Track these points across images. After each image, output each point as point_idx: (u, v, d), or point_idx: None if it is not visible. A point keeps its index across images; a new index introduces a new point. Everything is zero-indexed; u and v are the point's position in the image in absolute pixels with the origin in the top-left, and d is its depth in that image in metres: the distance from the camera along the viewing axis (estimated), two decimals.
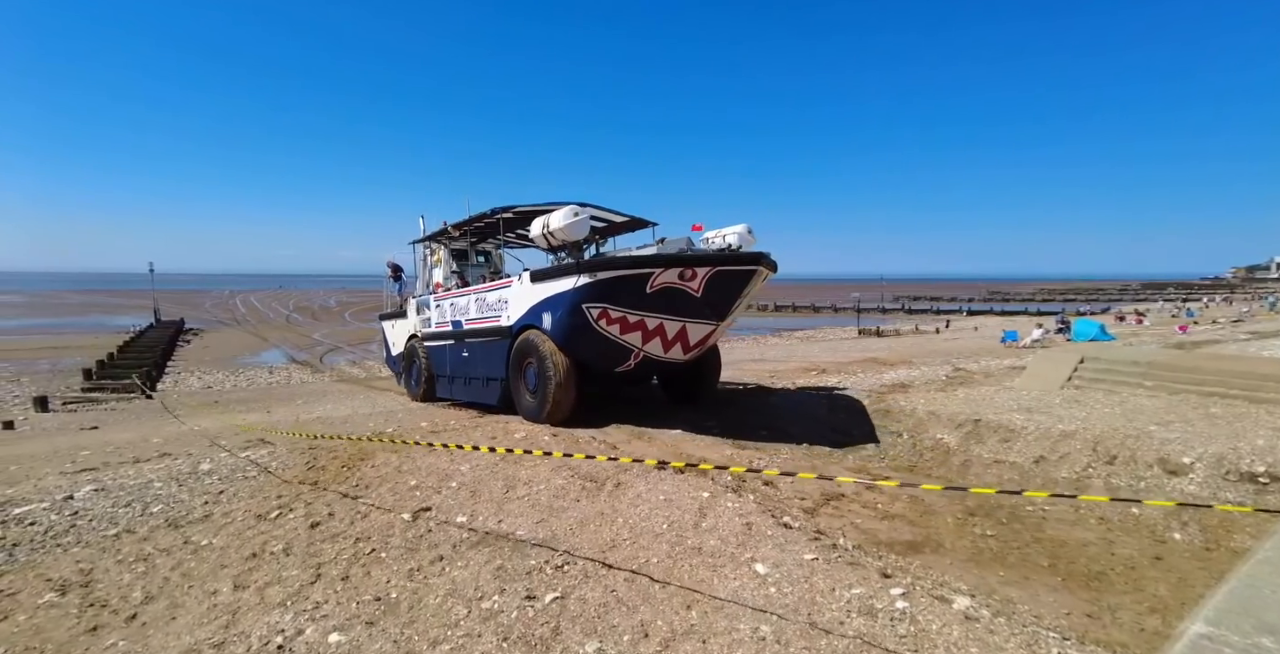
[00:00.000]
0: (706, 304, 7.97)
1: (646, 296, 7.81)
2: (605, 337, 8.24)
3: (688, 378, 10.27)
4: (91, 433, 10.88)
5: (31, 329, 46.59)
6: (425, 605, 3.08)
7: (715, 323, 8.33)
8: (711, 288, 7.79)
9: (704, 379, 10.38)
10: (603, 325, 8.16)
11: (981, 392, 10.88)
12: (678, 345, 8.43)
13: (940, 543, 6.18)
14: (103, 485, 6.28)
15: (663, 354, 8.56)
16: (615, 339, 8.26)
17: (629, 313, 8.02)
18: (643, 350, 8.45)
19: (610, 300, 7.97)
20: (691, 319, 8.18)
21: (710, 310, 8.11)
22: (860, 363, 17.84)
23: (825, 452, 9.08)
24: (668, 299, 7.87)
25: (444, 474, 5.56)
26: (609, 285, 7.90)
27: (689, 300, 7.86)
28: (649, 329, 8.20)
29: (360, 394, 16.10)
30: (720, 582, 3.21)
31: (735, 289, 8.07)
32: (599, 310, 8.05)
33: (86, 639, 3.07)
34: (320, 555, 3.83)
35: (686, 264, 7.68)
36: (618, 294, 7.92)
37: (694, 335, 8.35)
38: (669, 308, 8.00)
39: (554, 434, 7.16)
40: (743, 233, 9.26)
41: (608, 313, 8.05)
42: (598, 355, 8.63)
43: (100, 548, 4.53)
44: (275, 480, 6.21)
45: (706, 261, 7.77)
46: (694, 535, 3.82)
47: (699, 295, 7.82)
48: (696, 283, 7.72)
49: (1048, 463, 7.75)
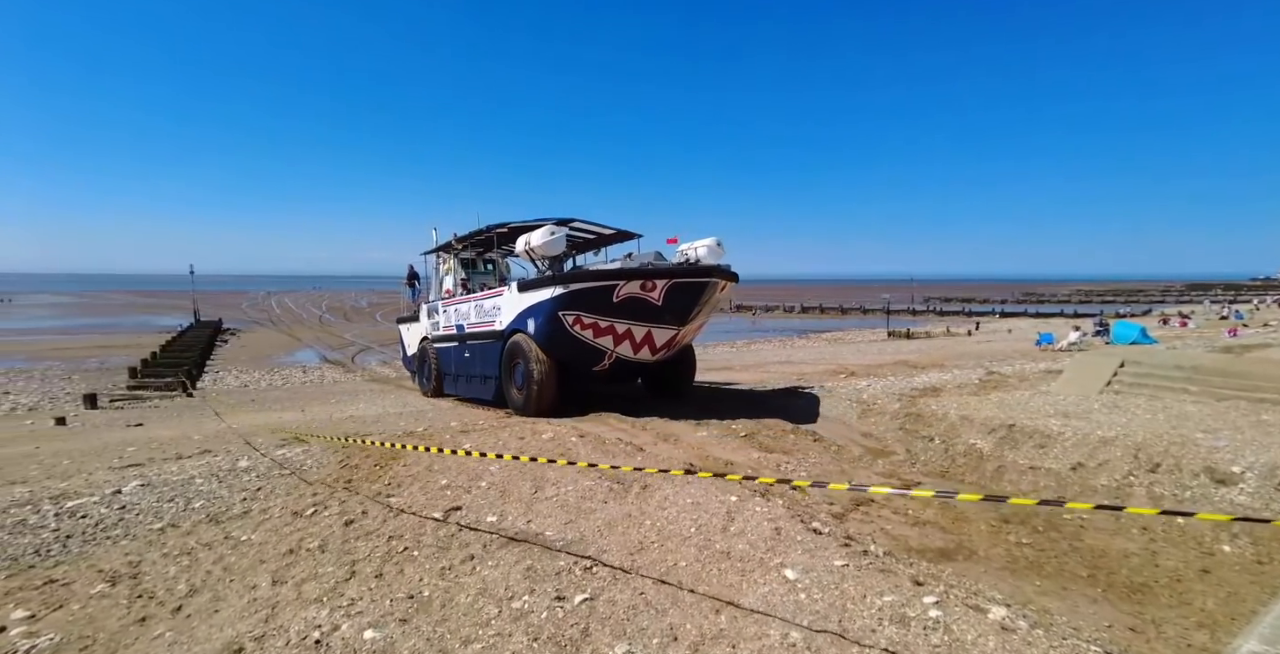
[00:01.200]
0: (667, 311, 9.04)
1: (613, 305, 8.89)
2: (580, 340, 9.32)
3: (666, 376, 11.28)
4: (137, 430, 11.27)
5: (81, 329, 48.49)
6: (457, 604, 3.12)
7: (677, 327, 9.33)
8: (670, 297, 8.89)
9: (680, 377, 11.51)
10: (577, 330, 9.23)
11: (1016, 396, 10.61)
12: (645, 347, 9.46)
13: (973, 550, 6.05)
14: (148, 481, 6.50)
15: (633, 355, 9.56)
16: (589, 342, 9.33)
17: (599, 319, 9.12)
18: (614, 352, 9.48)
19: (582, 308, 9.04)
20: (655, 324, 9.21)
21: (671, 317, 9.17)
22: (891, 366, 17.57)
23: (855, 456, 8.97)
24: (632, 307, 8.94)
25: (474, 474, 5.63)
26: (580, 295, 8.96)
27: (651, 308, 8.96)
28: (618, 333, 9.24)
29: (391, 394, 16.40)
30: (749, 587, 3.19)
31: (693, 298, 9.14)
32: (573, 317, 9.14)
33: (136, 629, 3.19)
34: (354, 553, 3.92)
35: (647, 277, 8.78)
36: (588, 303, 8.99)
37: (659, 338, 9.38)
38: (634, 315, 9.06)
39: (581, 435, 7.20)
40: (711, 246, 9.95)
41: (581, 319, 9.14)
42: (575, 356, 9.59)
43: (146, 541, 4.70)
44: (310, 478, 6.37)
45: (664, 275, 8.88)
46: (722, 539, 3.81)
47: (660, 304, 8.91)
48: (657, 293, 8.84)
49: (1086, 470, 7.53)
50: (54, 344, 37.74)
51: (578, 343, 9.35)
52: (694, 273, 9.04)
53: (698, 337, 11.31)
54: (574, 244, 12.76)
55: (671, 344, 9.72)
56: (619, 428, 9.59)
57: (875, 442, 9.56)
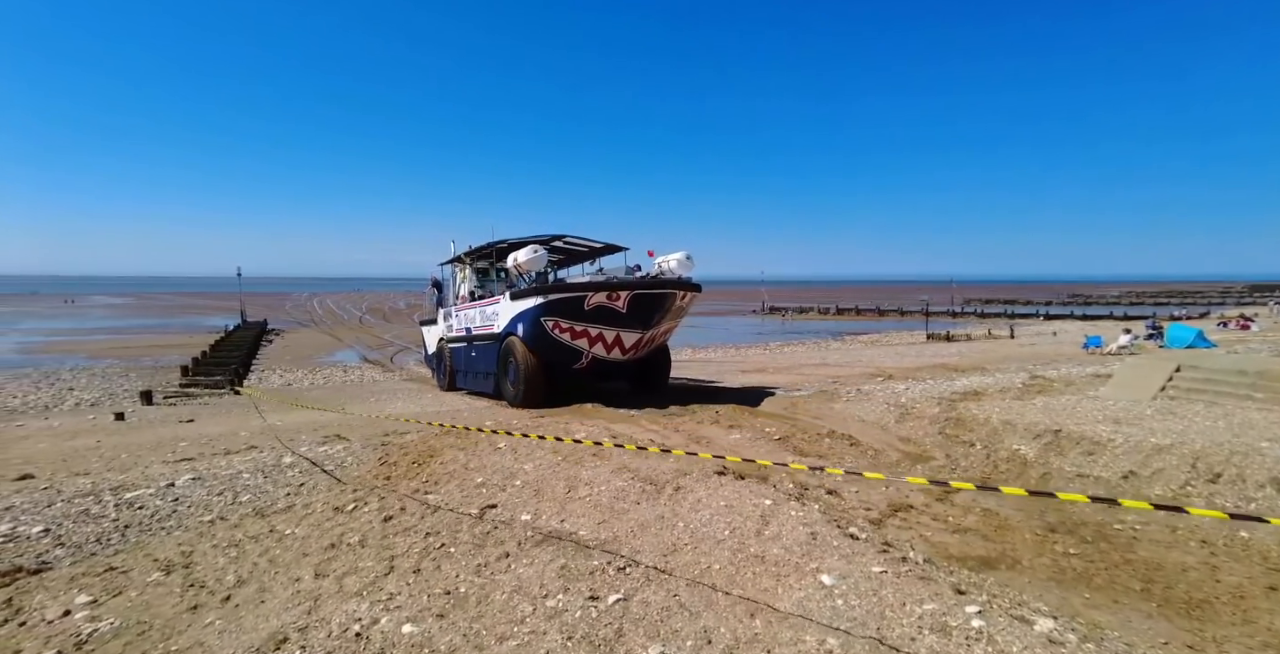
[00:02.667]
0: (631, 317, 10.56)
1: (585, 312, 10.48)
2: (559, 341, 10.89)
3: (644, 374, 12.80)
4: (188, 426, 11.72)
5: (135, 329, 50.76)
6: (492, 601, 3.15)
7: (641, 331, 10.80)
8: (633, 306, 10.46)
9: (656, 375, 13.06)
10: (556, 333, 10.81)
11: (1062, 401, 10.24)
12: (616, 348, 10.97)
13: (1017, 559, 5.85)
14: (199, 475, 6.75)
15: (606, 355, 11.04)
16: (567, 343, 10.89)
17: (574, 324, 10.66)
18: (590, 352, 10.99)
19: (560, 314, 10.63)
20: (622, 328, 10.71)
21: (635, 322, 10.68)
22: (930, 369, 17.16)
23: (892, 461, 8.78)
24: (601, 314, 10.52)
25: (509, 472, 5.69)
26: (557, 304, 10.59)
27: (617, 315, 10.51)
28: (591, 336, 10.77)
29: (428, 393, 16.71)
30: (785, 591, 3.14)
31: (654, 306, 10.70)
32: (553, 322, 10.73)
33: (189, 617, 3.31)
34: (393, 548, 4.00)
35: (611, 289, 10.43)
36: (564, 310, 10.57)
37: (627, 340, 10.90)
38: (603, 320, 10.60)
39: (613, 436, 7.20)
40: (681, 259, 11.69)
41: (559, 324, 10.71)
42: (557, 356, 11.14)
43: (198, 532, 4.88)
44: (350, 475, 6.53)
45: (626, 286, 10.54)
46: (756, 543, 3.76)
47: (624, 311, 10.47)
48: (621, 302, 10.41)
49: (1139, 479, 7.22)
50: (112, 343, 39.59)
51: (558, 344, 10.93)
52: (652, 285, 10.81)
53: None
54: (569, 255, 14.71)
55: (639, 345, 11.17)
56: (651, 429, 9.59)
57: (914, 446, 9.34)
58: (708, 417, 10.43)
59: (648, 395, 11.85)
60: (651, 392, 12.39)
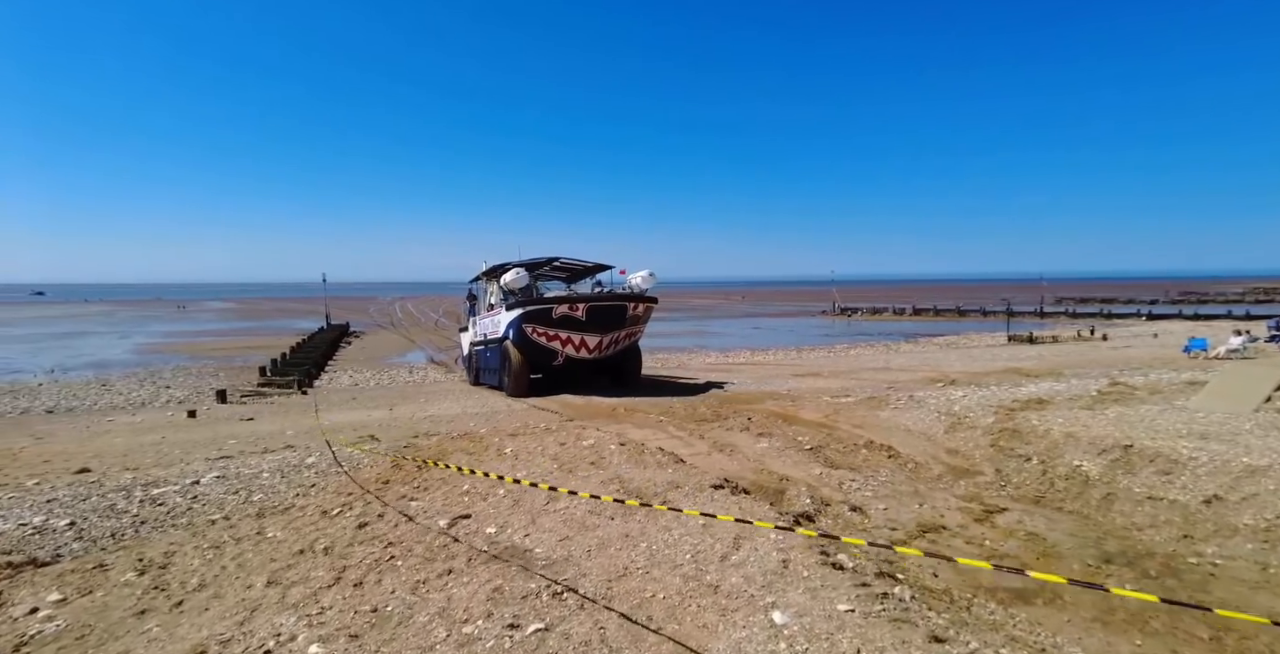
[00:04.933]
0: (591, 324, 13.81)
1: (554, 320, 13.71)
2: (537, 343, 14.12)
3: (617, 370, 15.72)
4: (247, 424, 12.39)
5: (237, 331, 55.02)
6: (412, 623, 3.00)
7: (601, 335, 13.98)
8: (590, 315, 13.73)
9: (628, 371, 15.93)
10: (534, 337, 14.05)
11: (1141, 411, 9.11)
12: (583, 349, 14.11)
13: (1059, 594, 5.16)
14: (225, 473, 7.02)
15: (576, 354, 14.21)
16: (544, 345, 14.11)
17: (547, 329, 13.90)
18: (563, 352, 14.18)
19: (535, 322, 13.89)
20: (585, 333, 13.91)
21: (595, 328, 13.89)
22: (999, 373, 15.87)
23: (934, 475, 8.07)
24: (566, 322, 13.71)
25: (498, 481, 5.56)
26: (532, 313, 13.92)
27: (579, 322, 13.74)
28: (562, 339, 13.98)
29: (477, 394, 17.01)
30: (725, 630, 2.80)
31: (609, 315, 13.98)
32: (530, 328, 13.97)
33: (132, 622, 3.36)
34: (350, 558, 3.94)
35: (571, 302, 13.83)
36: (538, 318, 13.86)
37: (590, 343, 14.05)
38: (569, 326, 13.80)
39: (622, 443, 6.96)
40: (645, 276, 15.45)
41: (535, 329, 13.95)
42: (537, 355, 14.40)
43: (194, 531, 5.03)
44: (360, 477, 6.60)
45: (583, 300, 14.04)
46: (717, 570, 3.42)
47: (584, 319, 13.71)
48: (580, 312, 13.66)
49: (1224, 505, 6.26)
50: (212, 344, 43.04)
51: (537, 346, 14.14)
52: (604, 298, 14.41)
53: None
54: (572, 273, 17.85)
55: (602, 347, 14.18)
56: (675, 436, 9.28)
57: (961, 459, 8.56)
58: (739, 423, 10.01)
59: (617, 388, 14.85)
60: (625, 384, 15.33)
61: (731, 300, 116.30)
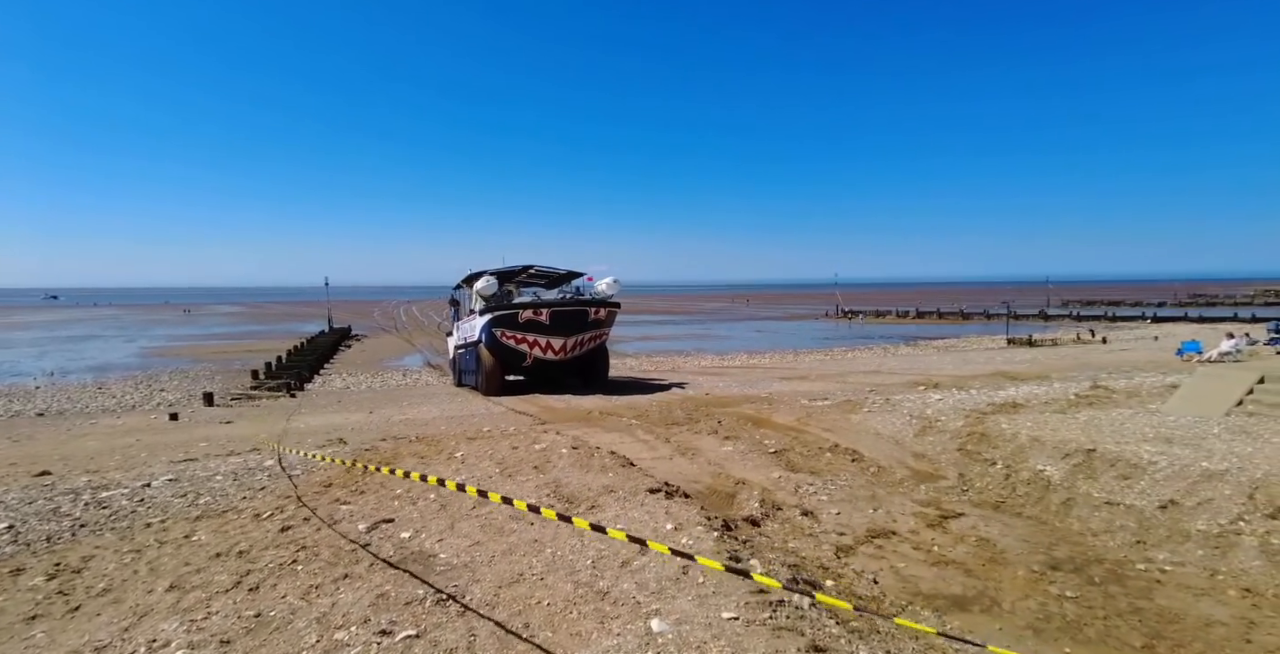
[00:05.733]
0: (554, 327, 14.95)
1: (520, 324, 14.93)
2: (507, 346, 15.29)
3: (585, 370, 16.79)
4: (225, 427, 12.44)
5: (242, 334, 55.42)
6: (289, 629, 2.97)
7: (565, 337, 15.11)
8: (554, 319, 14.89)
9: (594, 372, 16.97)
10: (504, 340, 15.23)
11: (1113, 415, 8.98)
12: (549, 350, 15.21)
13: (998, 600, 5.07)
14: (179, 476, 7.02)
15: (543, 355, 15.32)
16: (513, 347, 15.28)
17: (515, 333, 15.06)
18: (531, 353, 15.31)
19: (503, 326, 15.11)
20: (550, 336, 15.03)
21: (559, 331, 15.01)
22: (986, 377, 15.72)
23: (895, 479, 7.98)
24: (532, 326, 14.91)
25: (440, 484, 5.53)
26: (500, 318, 15.14)
27: (543, 326, 14.91)
28: (529, 341, 15.11)
29: (460, 397, 17.02)
30: (598, 637, 2.75)
31: (571, 319, 15.09)
32: (500, 331, 15.17)
33: (20, 627, 3.35)
34: (257, 562, 3.92)
35: (535, 308, 15.09)
36: (506, 323, 15.07)
37: (555, 345, 15.14)
38: (534, 330, 14.95)
39: (575, 446, 6.92)
40: (609, 282, 17.11)
41: (504, 332, 15.13)
42: (507, 357, 15.60)
43: (124, 535, 5.03)
44: (312, 480, 6.59)
45: (546, 306, 15.19)
46: (612, 576, 3.37)
47: (548, 323, 14.89)
48: (544, 317, 14.85)
49: (1180, 510, 6.14)
50: (216, 348, 43.37)
51: (506, 348, 15.32)
52: (566, 304, 15.48)
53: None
54: (550, 280, 18.76)
55: (567, 349, 15.29)
56: (642, 439, 9.23)
57: (927, 464, 8.46)
58: (708, 427, 9.95)
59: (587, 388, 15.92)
60: (593, 384, 16.36)
61: (737, 303, 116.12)
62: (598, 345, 16.69)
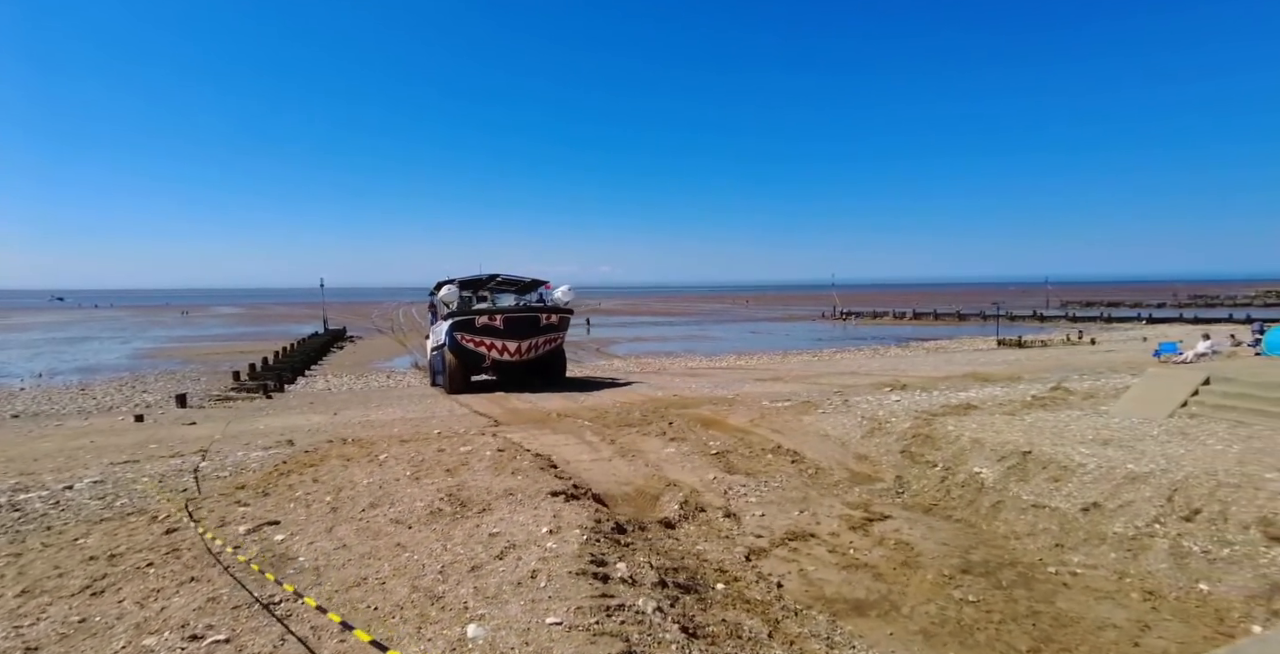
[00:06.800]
0: (508, 332, 16.67)
1: (478, 329, 16.64)
2: (467, 348, 16.93)
3: (543, 370, 18.19)
4: (188, 428, 12.44)
5: (234, 336, 55.56)
6: (108, 634, 2.95)
7: (519, 341, 16.77)
8: (507, 324, 16.69)
9: (552, 372, 18.52)
10: (464, 343, 16.86)
11: (1061, 417, 8.91)
12: (506, 353, 16.89)
13: (898, 605, 5.02)
14: (106, 478, 7.00)
15: (500, 357, 17.00)
16: (473, 349, 16.93)
17: (474, 336, 16.73)
18: (489, 355, 16.97)
19: (463, 330, 16.75)
20: (505, 340, 16.70)
21: (513, 335, 16.69)
22: (957, 378, 15.64)
23: (832, 481, 7.92)
24: (488, 330, 16.61)
25: (342, 485, 5.53)
26: (460, 323, 16.76)
27: (498, 331, 16.63)
28: (486, 344, 16.79)
29: (433, 398, 17.02)
30: (408, 644, 2.71)
31: (524, 324, 16.91)
32: (460, 335, 16.81)
33: None
34: (119, 566, 3.90)
35: (490, 314, 16.95)
36: (465, 328, 16.71)
37: (511, 347, 16.83)
38: (490, 334, 16.64)
39: (501, 449, 6.89)
40: (564, 290, 18.98)
41: (465, 336, 16.79)
42: (469, 358, 17.23)
43: (14, 539, 5.02)
44: (234, 482, 6.58)
45: (500, 312, 17.18)
46: (455, 581, 3.33)
47: (502, 328, 16.63)
48: (498, 322, 16.68)
49: (1101, 512, 6.08)
50: (208, 349, 43.46)
51: (467, 350, 16.96)
52: (518, 311, 17.60)
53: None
54: (520, 288, 20.39)
55: (523, 351, 16.94)
56: (587, 441, 9.21)
57: (868, 465, 8.41)
58: (657, 428, 9.91)
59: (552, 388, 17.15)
60: (551, 384, 17.72)
61: (737, 304, 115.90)
62: (554, 348, 18.13)
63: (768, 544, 6.01)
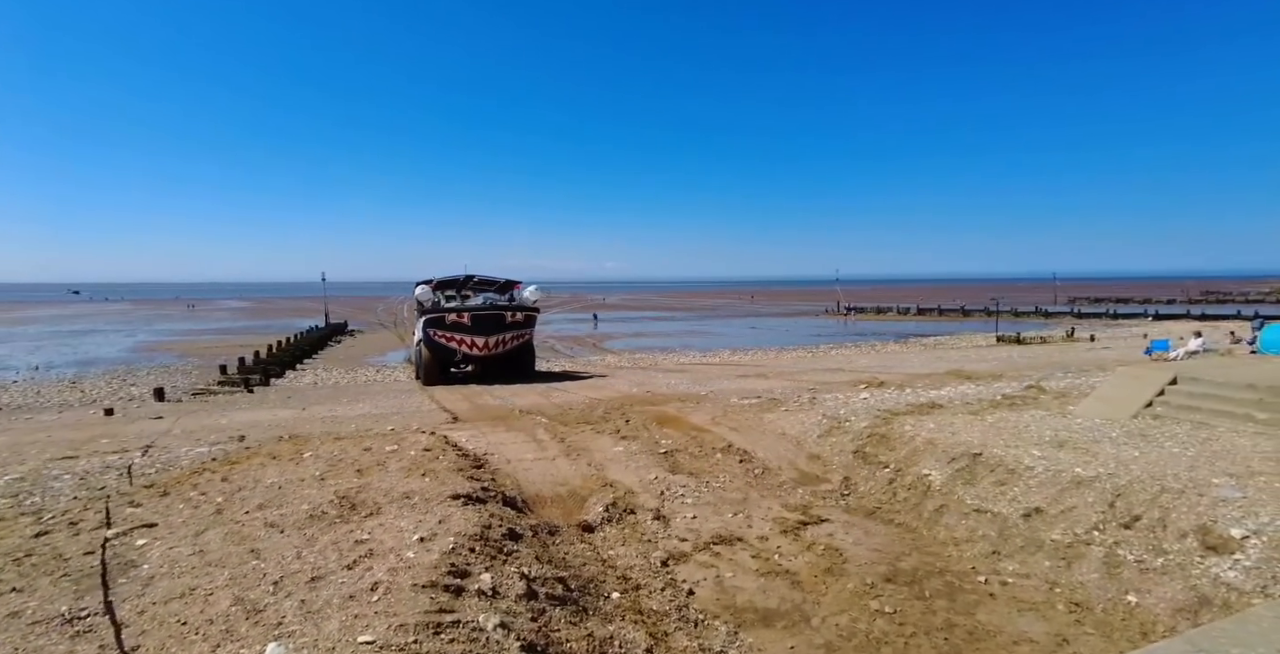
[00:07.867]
0: (476, 328, 17.77)
1: (448, 325, 17.71)
2: (440, 343, 17.95)
3: (512, 364, 19.14)
4: (152, 423, 12.36)
5: (237, 330, 55.87)
6: None
7: (487, 337, 17.88)
8: (475, 321, 17.78)
9: (520, 366, 19.45)
10: (437, 339, 17.87)
11: (1024, 417, 8.62)
12: (474, 348, 17.94)
13: (809, 616, 4.79)
14: (26, 476, 6.87)
15: (470, 351, 18.06)
16: (445, 344, 17.92)
17: (445, 332, 17.75)
18: (460, 349, 17.99)
19: (435, 327, 17.80)
20: (474, 335, 17.78)
21: (480, 331, 17.80)
22: (939, 376, 15.30)
23: (777, 482, 7.68)
24: (457, 327, 17.69)
25: (244, 485, 5.37)
26: (432, 320, 17.85)
27: (467, 327, 17.72)
28: (457, 340, 17.81)
29: (408, 393, 16.88)
30: None
31: (490, 322, 17.96)
32: (433, 331, 17.84)
33: None
34: None
35: (459, 312, 17.93)
36: (437, 324, 17.77)
37: (479, 343, 17.87)
38: (459, 330, 17.71)
39: (430, 448, 6.71)
40: (533, 290, 20.62)
41: (437, 332, 17.81)
42: (442, 353, 18.24)
43: None
44: (159, 479, 6.43)
45: (467, 310, 18.11)
46: (285, 593, 3.14)
47: (469, 325, 17.73)
48: (466, 319, 17.74)
49: (1043, 518, 5.82)
50: (207, 343, 43.67)
51: (440, 345, 17.99)
52: (484, 309, 18.43)
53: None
54: (499, 288, 21.34)
55: (491, 346, 17.99)
56: (539, 439, 9.02)
57: (818, 466, 8.16)
58: (614, 426, 9.70)
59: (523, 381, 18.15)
60: (520, 377, 18.63)
61: (741, 300, 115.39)
62: (522, 344, 19.23)
63: (690, 549, 5.80)
